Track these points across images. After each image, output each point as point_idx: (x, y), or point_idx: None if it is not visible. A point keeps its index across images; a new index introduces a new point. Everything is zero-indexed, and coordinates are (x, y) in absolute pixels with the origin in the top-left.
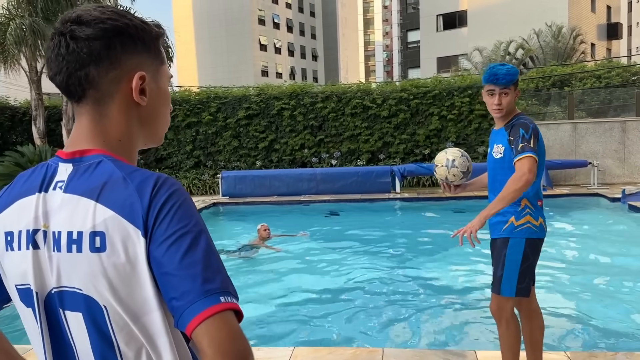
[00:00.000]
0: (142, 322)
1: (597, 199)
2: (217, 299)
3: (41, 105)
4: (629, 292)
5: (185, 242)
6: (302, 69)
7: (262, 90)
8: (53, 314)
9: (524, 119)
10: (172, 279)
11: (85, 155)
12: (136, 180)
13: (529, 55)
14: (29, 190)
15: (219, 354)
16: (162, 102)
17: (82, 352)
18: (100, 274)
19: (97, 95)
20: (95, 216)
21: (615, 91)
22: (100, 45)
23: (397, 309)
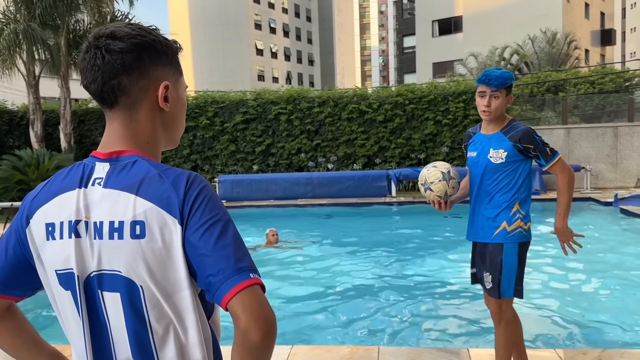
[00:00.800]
0: (173, 300)
1: (590, 203)
2: (247, 275)
3: (39, 109)
4: (618, 293)
5: (217, 229)
6: (298, 73)
7: (259, 95)
8: (91, 295)
9: (525, 127)
10: (208, 259)
11: (121, 155)
12: (171, 177)
13: (523, 60)
14: (68, 186)
15: (252, 318)
16: (181, 108)
17: (115, 328)
18: (139, 258)
19: (127, 102)
20: (135, 207)
21: (608, 97)
22: (131, 57)
23: (393, 309)
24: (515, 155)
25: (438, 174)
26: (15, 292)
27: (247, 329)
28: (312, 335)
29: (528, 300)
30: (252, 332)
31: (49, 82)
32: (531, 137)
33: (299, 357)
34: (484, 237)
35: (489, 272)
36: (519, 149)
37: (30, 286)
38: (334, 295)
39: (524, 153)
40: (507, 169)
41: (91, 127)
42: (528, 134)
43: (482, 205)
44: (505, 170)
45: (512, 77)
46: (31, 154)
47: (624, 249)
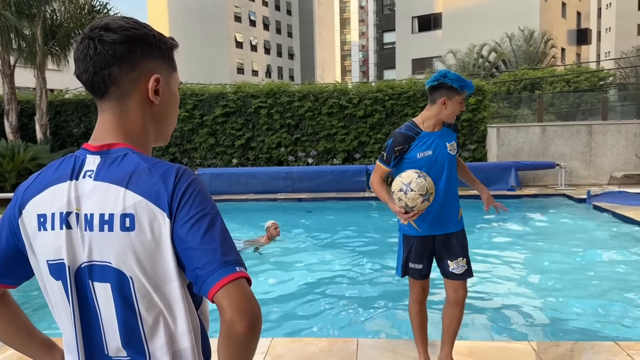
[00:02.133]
0: (162, 290)
1: (564, 199)
2: (233, 269)
3: (14, 99)
4: (589, 287)
5: (205, 222)
6: (278, 67)
7: (239, 88)
8: (81, 285)
9: None
10: (195, 252)
11: (112, 148)
12: (160, 170)
13: (501, 58)
14: (60, 178)
15: (237, 311)
16: (172, 103)
17: (106, 317)
18: (129, 250)
19: (118, 93)
20: (125, 200)
21: (583, 95)
22: (123, 49)
23: (372, 302)
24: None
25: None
26: (8, 281)
27: (232, 322)
28: (292, 328)
29: (502, 294)
30: (237, 324)
31: (24, 71)
32: (456, 126)
33: (279, 350)
34: (451, 227)
35: (462, 256)
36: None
37: (23, 275)
38: (314, 288)
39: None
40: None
41: (67, 119)
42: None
43: (448, 198)
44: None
45: None
46: (6, 145)
47: (595, 244)
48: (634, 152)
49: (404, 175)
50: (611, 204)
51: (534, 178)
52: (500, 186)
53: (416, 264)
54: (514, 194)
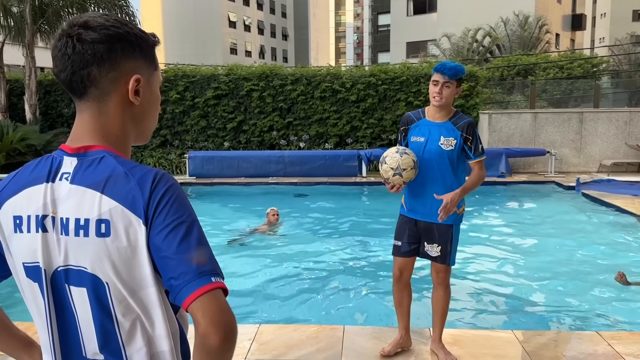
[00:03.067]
0: (139, 296)
1: (553, 186)
2: (209, 279)
3: (2, 78)
4: (575, 276)
5: (181, 231)
6: (272, 48)
7: (231, 70)
8: (58, 288)
9: (470, 118)
10: (170, 262)
11: (89, 150)
12: (137, 176)
13: (495, 43)
14: (36, 180)
15: (210, 323)
16: (153, 103)
17: (83, 321)
18: (104, 256)
19: (97, 93)
20: (100, 206)
21: (576, 82)
22: (103, 48)
23: (359, 289)
24: (462, 144)
25: (389, 171)
26: None
27: (205, 334)
28: (279, 315)
29: (487, 282)
30: (210, 336)
31: (12, 49)
32: (473, 130)
33: (266, 336)
34: (435, 217)
35: (438, 244)
36: (463, 138)
37: (1, 274)
38: (300, 275)
39: (464, 142)
40: (455, 156)
41: (57, 99)
42: (471, 126)
43: (434, 188)
44: (453, 157)
45: (464, 71)
46: None
47: (582, 233)
48: (624, 140)
49: (387, 150)
50: (599, 192)
51: (524, 165)
52: (490, 173)
53: (396, 240)
54: (504, 180)
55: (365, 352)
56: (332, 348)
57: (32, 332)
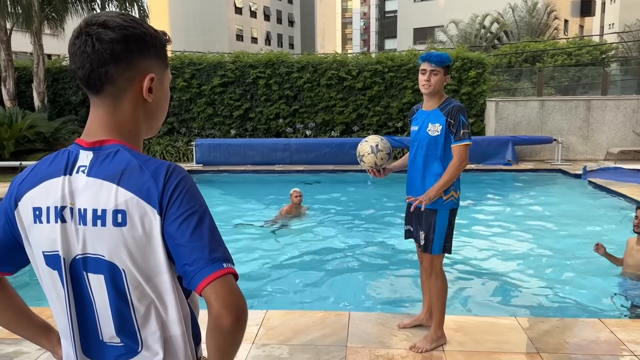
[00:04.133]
0: (154, 282)
1: (560, 174)
2: (220, 265)
3: (11, 66)
4: (580, 264)
5: (193, 220)
6: (278, 34)
7: (237, 57)
8: (76, 275)
9: (458, 103)
10: (184, 249)
11: (104, 144)
12: (151, 168)
13: (503, 29)
14: (54, 173)
15: (223, 306)
16: (164, 100)
17: (100, 306)
18: (121, 244)
19: (113, 90)
20: (117, 197)
21: (584, 69)
22: (121, 48)
23: (365, 276)
24: (447, 129)
25: (367, 147)
26: (5, 268)
27: (218, 316)
28: (286, 301)
29: (492, 270)
30: (222, 318)
31: (21, 36)
32: (456, 114)
33: (273, 321)
34: None
35: (423, 231)
36: (447, 123)
37: (19, 263)
38: (307, 262)
39: (448, 127)
40: (442, 142)
41: (65, 86)
42: (456, 110)
43: (422, 174)
44: (441, 143)
45: (450, 59)
46: (3, 112)
47: (587, 221)
48: (632, 128)
49: None
50: (606, 181)
51: (530, 153)
52: (497, 160)
53: (404, 224)
54: (510, 168)
55: (370, 337)
56: (338, 333)
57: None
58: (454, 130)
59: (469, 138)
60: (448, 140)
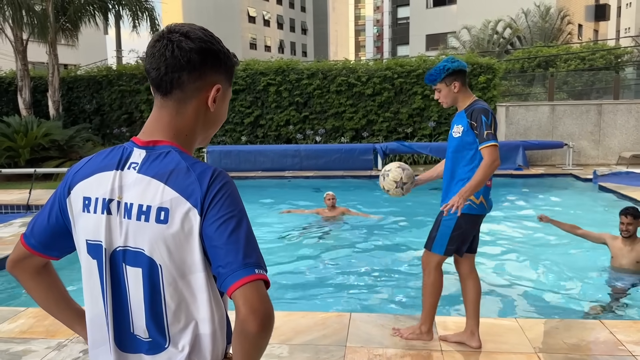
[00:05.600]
0: (188, 279)
1: (571, 179)
2: (252, 271)
3: (27, 75)
4: (584, 267)
5: (232, 224)
6: (291, 42)
7: (248, 65)
8: (115, 267)
9: (482, 104)
10: (220, 251)
11: (157, 145)
12: (197, 171)
13: (516, 35)
14: (107, 167)
15: (250, 311)
16: (223, 113)
17: (134, 299)
18: (161, 240)
19: (180, 96)
20: (163, 195)
21: (598, 73)
22: (197, 58)
23: (366, 278)
24: (469, 131)
25: (392, 184)
26: (52, 253)
27: (245, 320)
28: (288, 303)
29: (495, 272)
30: (249, 323)
31: (37, 46)
32: (478, 115)
33: (275, 322)
34: (442, 202)
35: (432, 227)
36: (470, 126)
37: (66, 249)
38: (310, 265)
39: (472, 129)
40: (465, 144)
41: (79, 95)
42: (477, 112)
43: (449, 178)
44: (464, 145)
45: (440, 70)
46: (19, 120)
47: (596, 225)
48: None
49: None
50: (617, 185)
51: (541, 157)
52: (507, 165)
53: None
54: (521, 173)
55: (370, 337)
56: (339, 333)
57: None
58: (477, 132)
59: (495, 139)
60: (470, 143)
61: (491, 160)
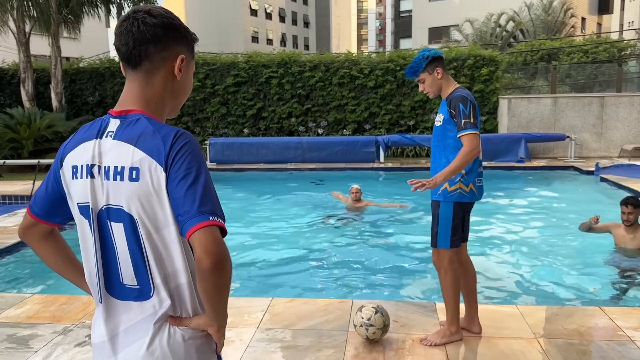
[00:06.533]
0: (162, 233)
1: (572, 171)
2: (207, 217)
3: (29, 67)
4: (583, 256)
5: (190, 178)
6: (293, 35)
7: (250, 57)
8: (102, 224)
9: (461, 92)
10: (179, 201)
11: (129, 113)
12: (162, 133)
13: (519, 28)
14: (89, 137)
15: (203, 251)
16: (189, 83)
17: (121, 252)
18: (135, 197)
19: (149, 66)
20: (133, 156)
21: (601, 66)
22: (161, 32)
23: (367, 267)
24: (449, 119)
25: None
26: (55, 220)
27: (199, 259)
28: (291, 290)
29: (497, 261)
30: (202, 261)
31: (40, 39)
32: (456, 104)
33: (278, 308)
34: (432, 194)
35: (431, 225)
36: (450, 114)
37: (66, 216)
38: (314, 254)
39: (451, 118)
40: (447, 132)
41: (82, 87)
42: (455, 100)
43: (436, 165)
44: (446, 134)
45: (420, 60)
46: (22, 112)
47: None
48: None
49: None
50: (618, 177)
51: (543, 150)
52: (509, 158)
53: None
54: (523, 165)
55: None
56: (340, 319)
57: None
58: (456, 120)
59: (473, 127)
60: (450, 131)
61: (470, 148)
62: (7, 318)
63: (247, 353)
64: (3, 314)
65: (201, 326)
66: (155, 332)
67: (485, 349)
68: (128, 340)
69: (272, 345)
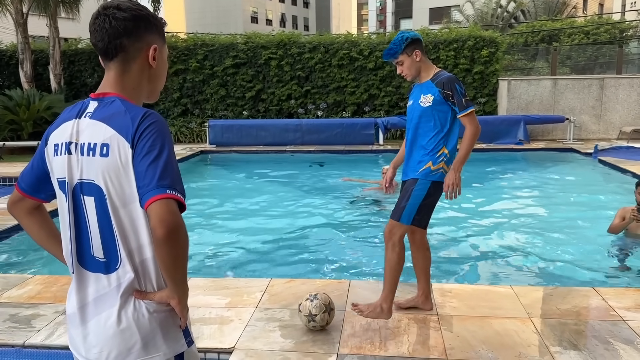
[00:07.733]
0: (129, 208)
1: (571, 153)
2: (164, 190)
3: (28, 48)
4: (581, 237)
5: (153, 154)
6: (292, 16)
7: (249, 38)
8: (77, 197)
9: (449, 74)
10: (140, 175)
11: (106, 96)
12: (132, 113)
13: (520, 8)
14: (69, 117)
15: (157, 220)
16: (163, 68)
17: (92, 223)
18: (105, 172)
19: (125, 57)
20: (105, 134)
21: (602, 48)
22: (131, 25)
23: (364, 247)
24: (441, 100)
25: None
26: (40, 196)
27: (153, 228)
28: (289, 271)
29: (494, 242)
30: (156, 230)
31: (37, 19)
32: (452, 84)
33: (277, 288)
34: (407, 174)
35: (401, 199)
36: (443, 95)
37: (49, 192)
38: (312, 235)
39: (446, 99)
40: (434, 113)
41: (81, 68)
42: (450, 81)
43: (415, 146)
44: (433, 114)
45: (399, 41)
46: (21, 94)
47: (593, 198)
48: None
49: None
50: (616, 159)
51: (542, 132)
52: (508, 140)
53: None
54: (522, 147)
55: (369, 303)
56: (339, 299)
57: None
58: (454, 100)
59: (473, 105)
60: (442, 112)
61: (474, 128)
62: (9, 298)
63: (245, 332)
64: (5, 294)
65: (164, 299)
66: (122, 304)
67: (479, 328)
68: (97, 310)
69: (271, 324)
